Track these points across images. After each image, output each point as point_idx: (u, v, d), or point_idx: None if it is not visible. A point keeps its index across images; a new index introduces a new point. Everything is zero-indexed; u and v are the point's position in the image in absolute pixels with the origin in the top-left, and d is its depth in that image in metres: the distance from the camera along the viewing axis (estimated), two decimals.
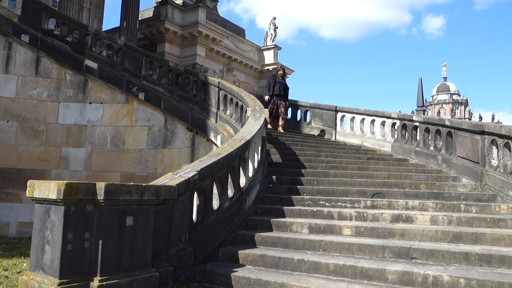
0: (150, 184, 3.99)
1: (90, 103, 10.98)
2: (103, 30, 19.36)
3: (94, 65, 10.87)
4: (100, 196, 3.43)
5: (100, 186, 3.45)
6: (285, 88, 12.15)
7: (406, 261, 4.36)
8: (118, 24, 19.24)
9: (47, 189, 3.37)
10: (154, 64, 11.03)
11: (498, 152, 6.36)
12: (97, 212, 3.47)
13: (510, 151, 5.99)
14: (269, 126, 11.30)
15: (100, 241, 3.44)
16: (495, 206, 5.69)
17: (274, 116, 11.78)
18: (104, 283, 3.39)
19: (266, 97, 11.90)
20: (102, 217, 3.48)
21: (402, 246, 4.49)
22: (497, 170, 6.33)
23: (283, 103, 11.91)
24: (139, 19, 19.60)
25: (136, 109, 10.95)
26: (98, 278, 3.38)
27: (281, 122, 11.69)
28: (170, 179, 4.39)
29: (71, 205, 3.35)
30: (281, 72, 12.24)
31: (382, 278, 4.02)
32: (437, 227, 5.06)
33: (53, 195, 3.31)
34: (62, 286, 3.23)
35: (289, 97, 12.77)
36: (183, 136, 10.51)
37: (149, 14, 21.35)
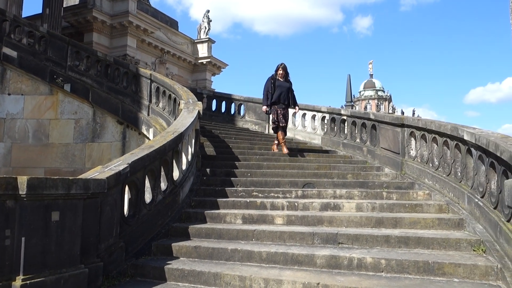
0: (78, 177, 3.84)
1: (9, 94, 10.23)
2: (23, 16, 17.99)
3: (13, 53, 10.11)
4: (22, 191, 3.25)
5: (22, 181, 3.26)
6: (289, 92, 8.86)
7: (333, 246, 4.60)
8: (40, 11, 17.99)
9: None
10: (81, 54, 10.50)
11: (416, 143, 6.88)
12: (19, 208, 3.27)
13: (426, 142, 6.50)
14: (274, 149, 8.79)
15: (23, 239, 3.26)
16: (413, 193, 6.15)
17: (282, 128, 8.79)
18: (28, 282, 3.22)
19: (264, 108, 8.89)
20: (25, 213, 3.29)
21: (330, 232, 4.73)
22: (415, 160, 6.85)
23: (286, 113, 8.85)
24: (64, 6, 18.46)
25: (61, 101, 10.37)
26: (21, 277, 3.20)
27: (281, 136, 8.72)
28: (99, 173, 4.25)
29: None
30: (282, 72, 8.75)
31: (311, 263, 4.21)
32: (362, 214, 5.39)
33: None
34: None
35: (224, 91, 12.42)
36: (114, 129, 10.14)
37: (75, 1, 20.16)
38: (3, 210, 3.21)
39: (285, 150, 8.57)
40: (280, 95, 8.67)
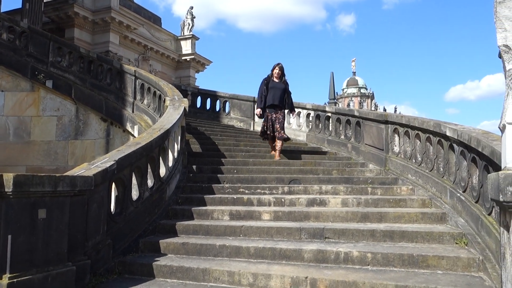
0: (64, 174, 3.81)
1: None
2: (2, 11, 17.58)
3: None
4: (8, 188, 3.19)
5: (8, 178, 3.21)
6: (284, 94, 8.26)
7: (320, 240, 4.66)
8: (20, 6, 17.61)
9: None
10: (63, 50, 10.34)
11: (399, 139, 7.00)
12: (5, 205, 3.22)
13: (409, 138, 6.62)
14: (276, 156, 8.06)
15: (9, 236, 3.21)
16: (396, 188, 6.26)
17: (272, 137, 8.22)
18: (15, 280, 3.18)
19: (258, 111, 8.39)
20: (11, 210, 3.24)
21: (316, 227, 4.79)
22: (399, 156, 6.97)
23: (280, 116, 8.16)
24: (45, 1, 18.11)
25: (43, 98, 10.20)
26: (7, 275, 3.16)
27: (278, 145, 8.06)
28: (86, 170, 4.21)
29: None
30: (279, 71, 8.24)
31: (299, 258, 4.26)
32: (348, 209, 5.47)
33: None
34: None
35: (208, 88, 12.26)
36: (97, 126, 10.02)
37: None
38: None
39: (276, 156, 8.02)
40: (273, 97, 8.12)
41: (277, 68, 8.28)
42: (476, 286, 3.44)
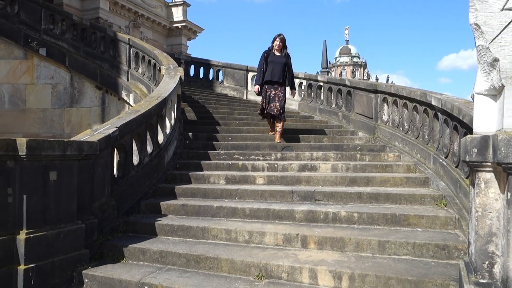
0: (72, 139, 4.04)
1: None
2: None
3: None
4: (22, 151, 3.43)
5: (21, 142, 3.44)
6: (285, 69, 7.43)
7: (311, 202, 5.00)
8: None
9: None
10: (56, 17, 10.30)
11: (388, 108, 7.28)
12: (19, 168, 3.47)
13: (397, 107, 6.90)
14: (276, 138, 7.34)
15: (25, 196, 3.47)
16: (384, 154, 6.58)
17: (271, 116, 7.48)
18: (32, 235, 3.47)
19: (256, 88, 7.55)
20: (25, 172, 3.50)
21: (307, 191, 5.12)
22: (387, 124, 7.26)
23: (281, 93, 7.37)
24: None
25: (37, 66, 10.25)
26: (24, 231, 3.45)
27: (278, 127, 7.37)
28: (90, 135, 4.44)
29: None
30: (280, 43, 7.43)
31: (291, 218, 4.60)
32: (337, 174, 5.78)
33: None
34: None
35: (200, 56, 12.11)
36: (92, 94, 10.14)
37: None
38: (5, 170, 3.40)
39: (277, 138, 7.32)
40: (272, 72, 7.35)
41: (278, 39, 7.46)
42: (451, 241, 3.80)
